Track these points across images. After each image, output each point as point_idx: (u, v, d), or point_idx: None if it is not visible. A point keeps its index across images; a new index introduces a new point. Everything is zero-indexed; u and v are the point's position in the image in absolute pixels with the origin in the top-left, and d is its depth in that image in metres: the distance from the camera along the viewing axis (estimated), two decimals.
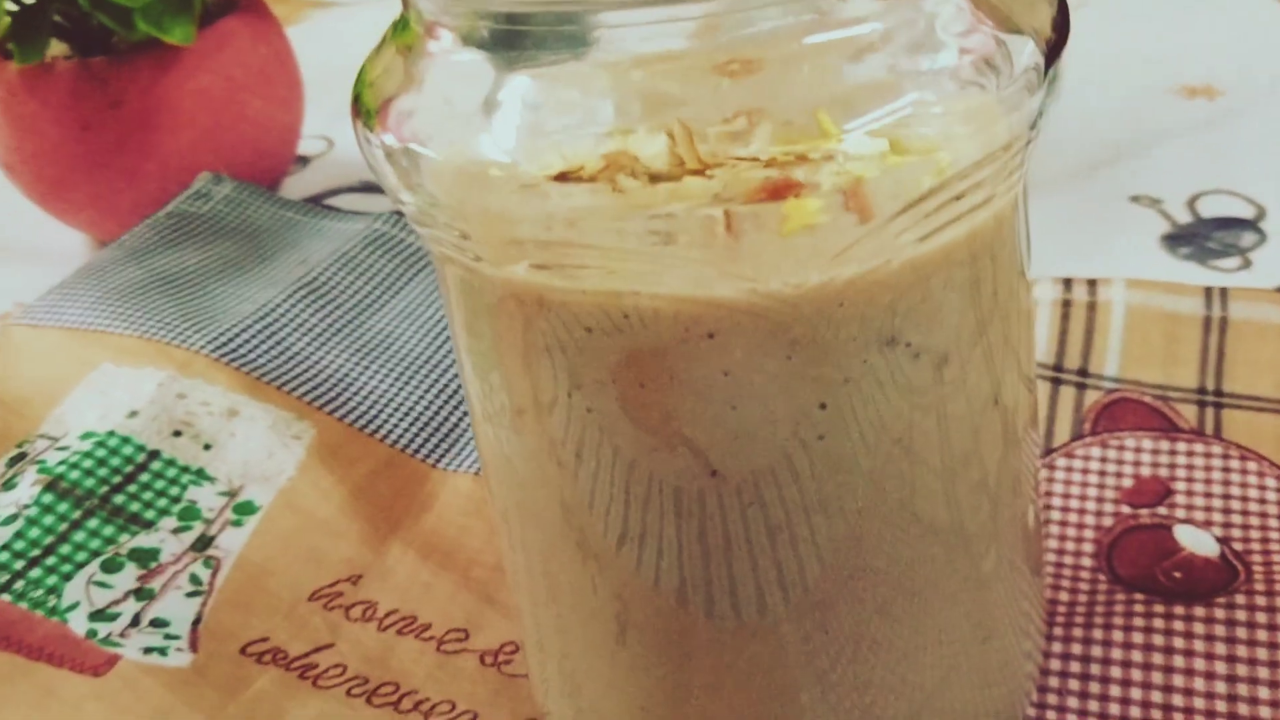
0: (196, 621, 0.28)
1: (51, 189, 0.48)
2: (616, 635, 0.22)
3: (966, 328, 0.19)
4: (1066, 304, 0.35)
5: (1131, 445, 0.32)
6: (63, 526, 0.30)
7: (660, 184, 0.18)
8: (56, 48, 0.46)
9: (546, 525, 0.21)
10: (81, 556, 0.29)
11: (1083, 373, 0.34)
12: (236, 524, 0.31)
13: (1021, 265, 0.22)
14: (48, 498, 0.30)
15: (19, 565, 0.29)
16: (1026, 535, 0.24)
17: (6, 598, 0.28)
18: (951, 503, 0.21)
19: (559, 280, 0.18)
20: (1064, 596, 0.29)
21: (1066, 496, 0.31)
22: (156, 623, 0.28)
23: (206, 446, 0.33)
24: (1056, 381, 0.34)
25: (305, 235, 0.43)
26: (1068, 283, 0.36)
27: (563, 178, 0.18)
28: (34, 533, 0.29)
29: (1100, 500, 0.31)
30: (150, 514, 0.31)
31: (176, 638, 0.28)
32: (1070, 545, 0.30)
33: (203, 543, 0.30)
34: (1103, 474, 0.31)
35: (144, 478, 0.31)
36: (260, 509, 0.31)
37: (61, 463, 0.31)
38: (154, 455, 0.32)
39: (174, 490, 0.31)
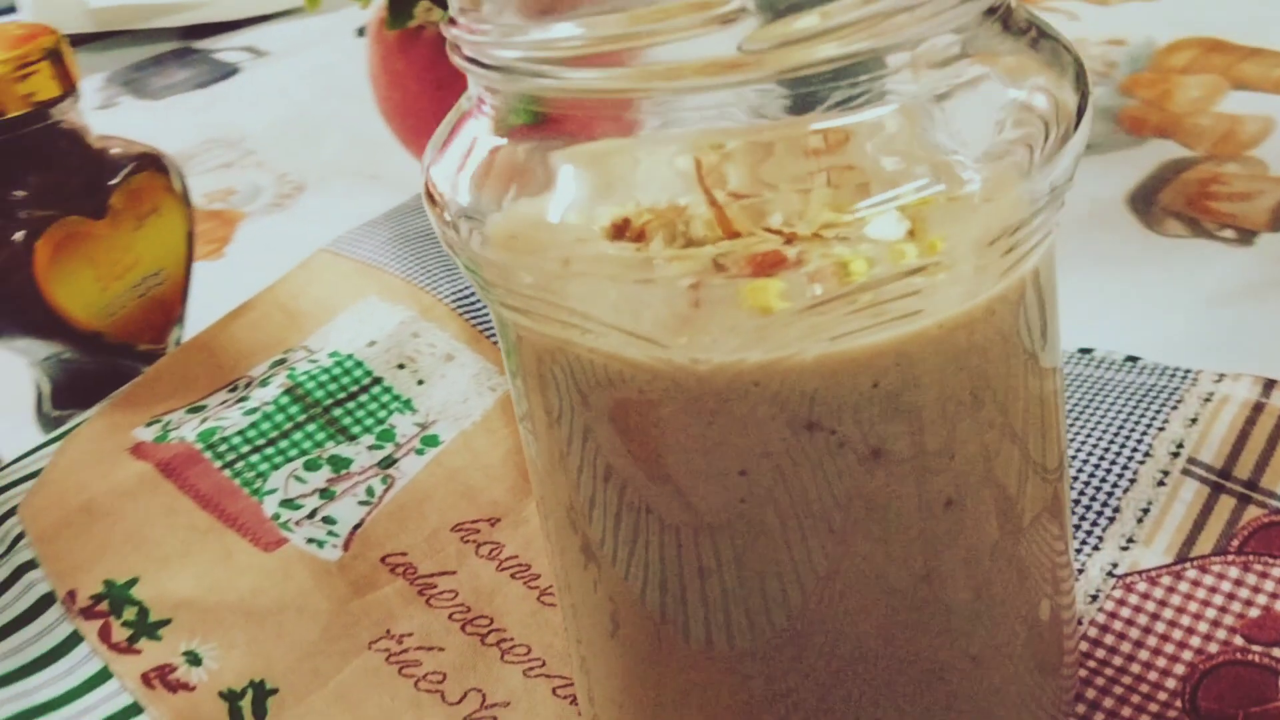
0: (357, 526, 0.34)
1: (413, 135, 0.56)
2: (611, 630, 0.25)
3: (908, 425, 0.20)
4: (1258, 407, 0.33)
5: (1276, 575, 0.30)
6: (287, 425, 0.37)
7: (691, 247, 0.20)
8: (433, 14, 0.53)
9: (559, 523, 0.24)
10: (293, 453, 0.36)
11: (1251, 485, 0.32)
12: (419, 452, 0.36)
13: (1032, 354, 0.22)
14: (284, 399, 0.37)
15: (245, 449, 0.36)
16: (1033, 628, 0.24)
17: (227, 473, 0.35)
18: (888, 590, 0.22)
19: (556, 331, 0.21)
20: (1126, 712, 0.28)
21: (1180, 611, 0.30)
22: (326, 520, 0.34)
23: (420, 382, 0.38)
24: (1218, 488, 0.32)
25: None
26: (1269, 385, 0.33)
27: (618, 229, 0.21)
28: (265, 426, 0.36)
29: (1215, 624, 0.29)
30: (357, 429, 0.37)
31: (336, 536, 0.34)
32: (1160, 662, 0.29)
33: (387, 462, 0.36)
34: (1230, 597, 0.30)
35: (363, 398, 0.38)
36: (442, 444, 0.36)
37: (305, 373, 0.38)
38: (377, 381, 0.38)
39: (382, 414, 0.37)
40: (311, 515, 0.34)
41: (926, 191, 0.19)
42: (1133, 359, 0.37)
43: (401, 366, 0.39)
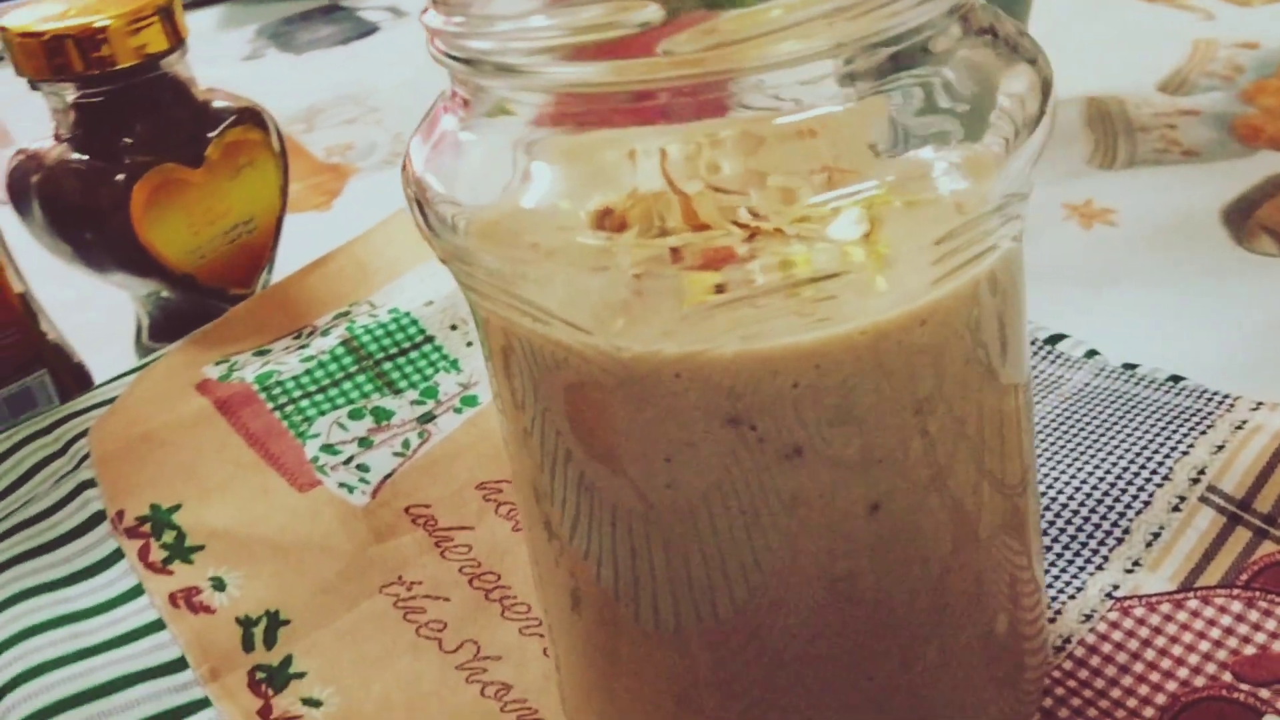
0: (388, 476, 0.36)
1: None
2: (572, 605, 0.26)
3: (829, 428, 0.21)
4: None
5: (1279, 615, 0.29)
6: (339, 375, 0.39)
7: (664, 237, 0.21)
8: None
9: (526, 499, 0.25)
10: (340, 401, 0.38)
11: (1270, 520, 0.31)
12: (458, 410, 0.38)
13: (983, 367, 0.22)
14: (340, 350, 0.39)
15: (296, 394, 0.38)
16: (987, 640, 0.24)
17: (277, 414, 0.37)
18: (812, 587, 0.22)
19: (514, 316, 0.22)
20: None
21: (1173, 640, 0.29)
22: (360, 467, 0.36)
23: (469, 344, 0.40)
24: (1235, 519, 0.31)
25: None
26: None
27: (604, 216, 0.22)
28: (319, 373, 0.39)
29: (1207, 658, 0.29)
30: (403, 384, 0.39)
31: (367, 483, 0.36)
32: (1143, 689, 0.28)
33: (426, 418, 0.38)
34: (1228, 632, 0.29)
35: (413, 355, 0.39)
36: (479, 404, 0.38)
37: (364, 327, 0.40)
38: (429, 339, 0.40)
39: (429, 371, 0.39)
40: (348, 461, 0.36)
41: (861, 194, 0.20)
42: (1176, 379, 0.35)
43: (454, 328, 0.40)
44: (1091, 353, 0.38)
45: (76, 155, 0.42)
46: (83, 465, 0.36)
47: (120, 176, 0.41)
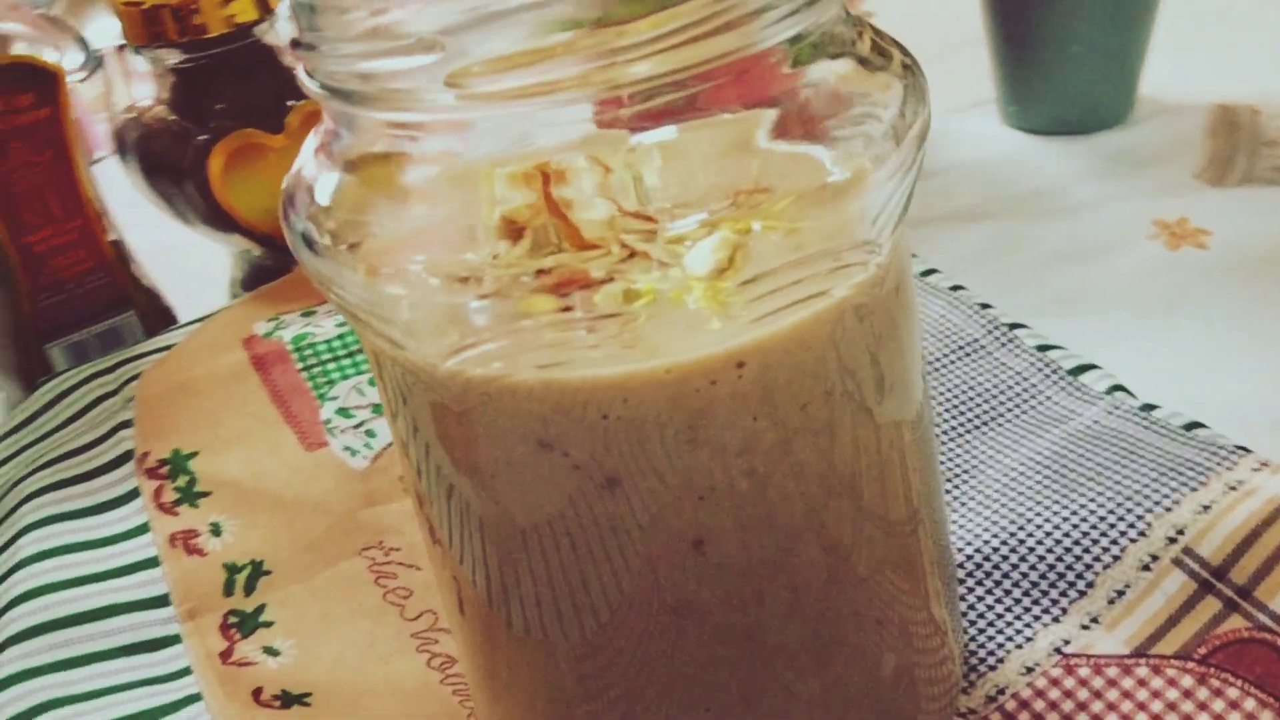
0: (391, 444, 0.38)
1: None
2: (457, 606, 0.26)
3: (642, 461, 0.21)
4: None
5: (1232, 696, 0.27)
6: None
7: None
8: None
9: (414, 506, 0.26)
10: (363, 368, 0.40)
11: (1243, 593, 0.28)
12: None
13: (850, 403, 0.21)
14: None
15: (325, 357, 0.40)
16: (869, 679, 0.24)
17: (304, 375, 0.40)
18: (640, 613, 0.22)
19: (371, 336, 0.23)
20: None
21: (1111, 707, 0.28)
22: (368, 432, 0.38)
23: None
24: (1206, 586, 0.29)
25: None
26: None
27: (507, 225, 0.23)
28: (349, 339, 0.41)
29: None
30: None
31: (370, 449, 0.37)
32: None
33: None
34: (1170, 707, 0.27)
35: None
36: None
37: None
38: None
39: None
40: (358, 426, 0.38)
41: (691, 224, 0.20)
42: (1193, 425, 0.33)
43: None
44: (1116, 388, 0.35)
45: (169, 116, 0.45)
46: (128, 406, 0.39)
47: (202, 138, 0.44)
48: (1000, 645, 0.29)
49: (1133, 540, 0.30)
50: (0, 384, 0.46)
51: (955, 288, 0.41)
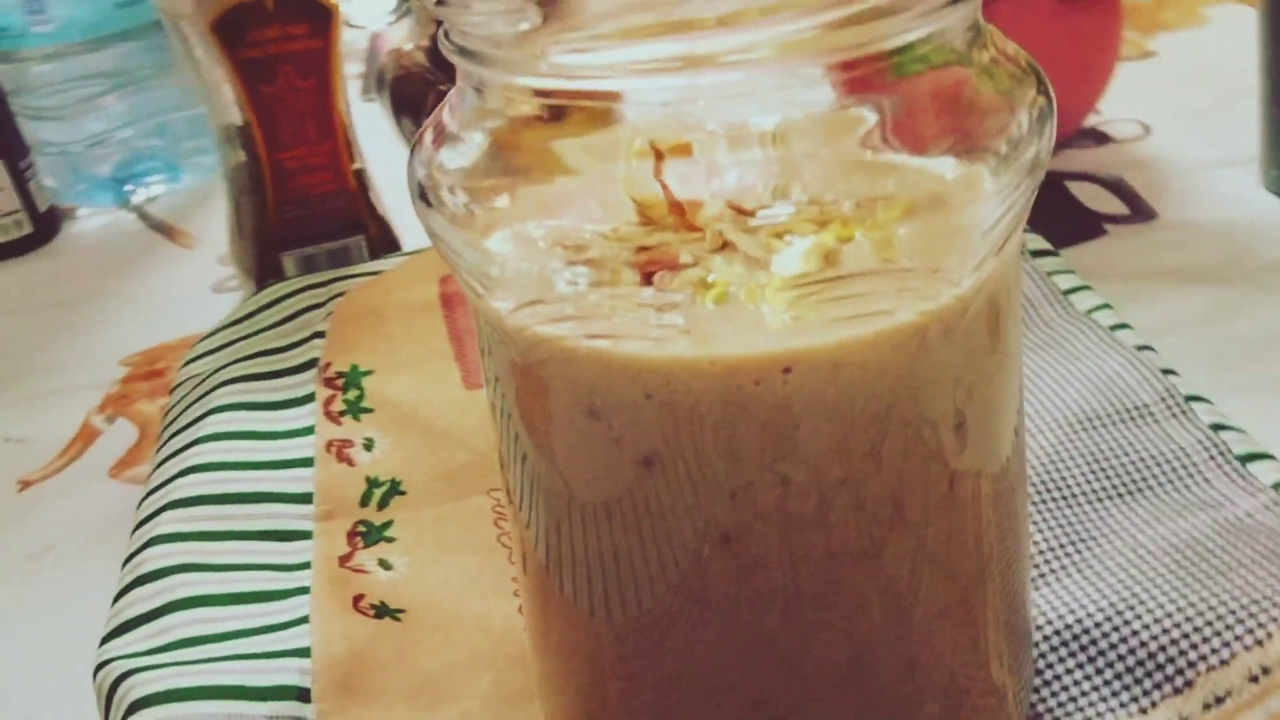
0: None
1: None
2: (522, 564, 0.27)
3: (676, 447, 0.21)
4: None
5: None
6: None
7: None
8: None
9: (499, 465, 0.27)
10: None
11: None
12: None
13: (912, 447, 0.21)
14: None
15: None
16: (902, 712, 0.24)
17: None
18: (669, 595, 0.23)
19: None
20: None
21: None
22: None
23: None
24: None
25: None
26: None
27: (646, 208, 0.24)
28: None
29: None
30: None
31: None
32: None
33: None
34: None
35: None
36: None
37: None
38: None
39: None
40: None
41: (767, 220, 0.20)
42: None
43: None
44: None
45: (424, 62, 0.49)
46: (326, 319, 0.43)
47: (443, 87, 0.47)
48: None
49: (1246, 647, 0.28)
50: (240, 281, 0.51)
51: (1142, 347, 0.38)
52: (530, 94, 0.21)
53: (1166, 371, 0.37)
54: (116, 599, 0.33)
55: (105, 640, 0.32)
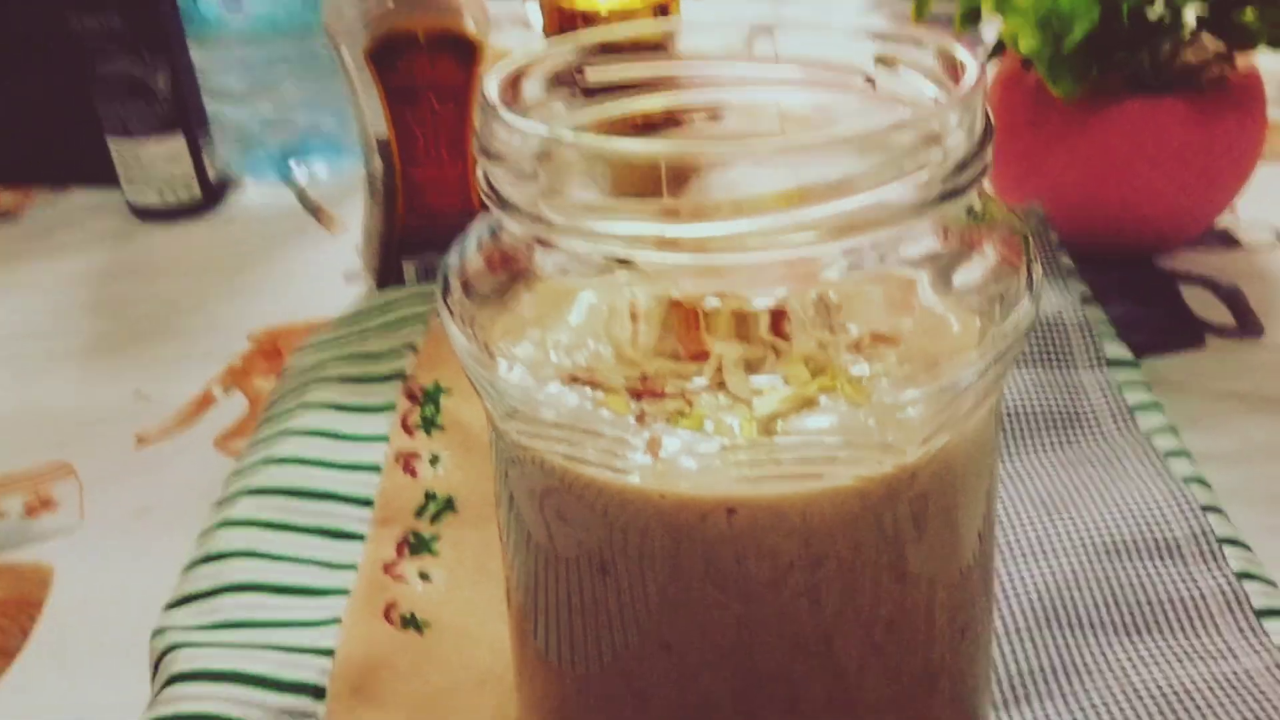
0: None
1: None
2: (507, 596, 0.29)
3: (638, 565, 0.23)
4: None
5: None
6: None
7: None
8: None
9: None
10: None
11: None
12: None
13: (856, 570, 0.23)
14: None
15: None
16: None
17: None
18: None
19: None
20: None
21: None
22: None
23: None
24: None
25: None
26: None
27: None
28: None
29: None
30: None
31: None
32: None
33: None
34: None
35: None
36: None
37: None
38: None
39: None
40: None
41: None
42: None
43: None
44: None
45: None
46: (423, 333, 0.46)
47: None
48: None
49: None
50: (364, 279, 0.55)
51: (1191, 479, 0.38)
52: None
53: (1209, 509, 0.37)
54: (186, 570, 0.37)
55: (167, 608, 0.36)
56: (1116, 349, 0.45)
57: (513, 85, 0.26)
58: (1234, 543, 0.36)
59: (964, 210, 0.23)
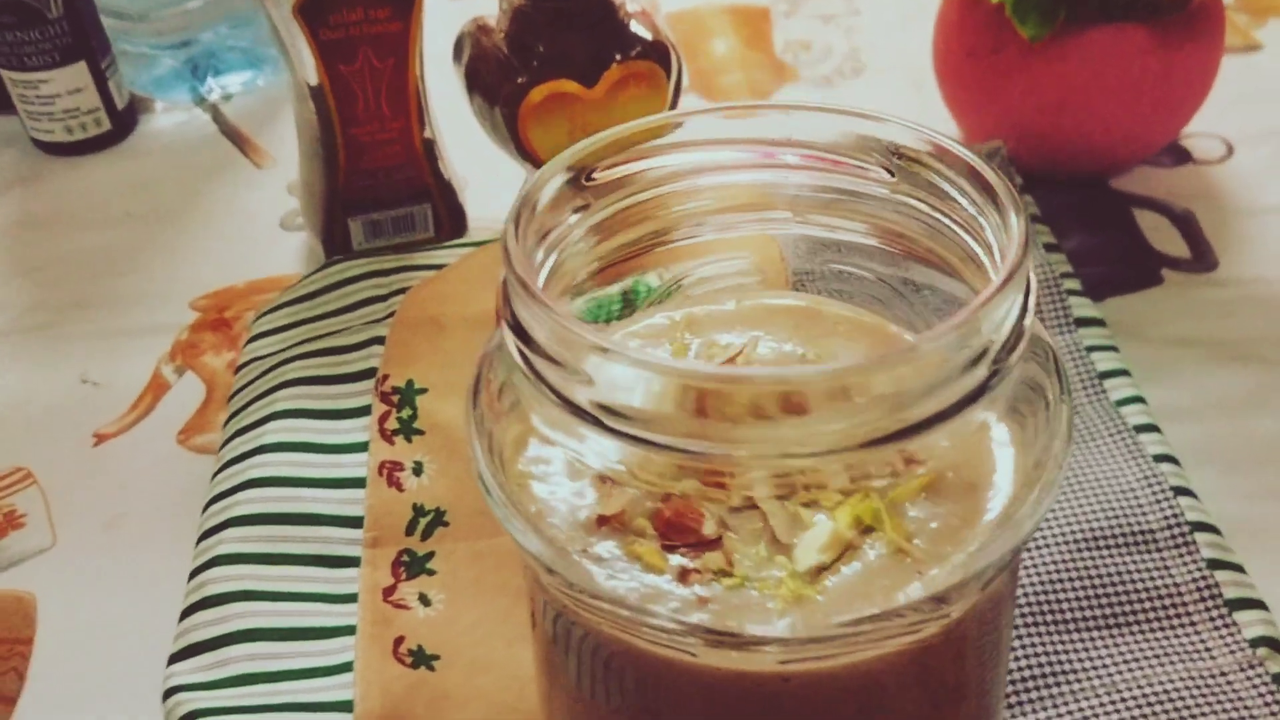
0: None
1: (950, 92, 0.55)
2: (532, 621, 0.30)
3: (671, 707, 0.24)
4: None
5: None
6: (601, 320, 0.44)
7: None
8: None
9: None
10: None
11: None
12: None
13: None
14: (617, 301, 0.44)
15: None
16: None
17: None
18: None
19: None
20: None
21: None
22: None
23: None
24: None
25: None
26: None
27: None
28: (588, 317, 0.44)
29: None
30: None
31: None
32: None
33: None
34: None
35: None
36: None
37: (646, 286, 0.45)
38: None
39: None
40: None
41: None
42: None
43: None
44: None
45: (502, 48, 0.48)
46: (385, 321, 0.45)
47: (521, 80, 0.47)
48: None
49: None
50: (311, 241, 0.53)
51: (1161, 458, 0.39)
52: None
53: (1180, 490, 0.39)
54: (182, 618, 0.37)
55: (172, 661, 0.36)
56: (1083, 307, 0.45)
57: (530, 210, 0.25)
58: (1204, 527, 0.38)
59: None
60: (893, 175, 0.27)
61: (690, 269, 0.33)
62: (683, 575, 0.23)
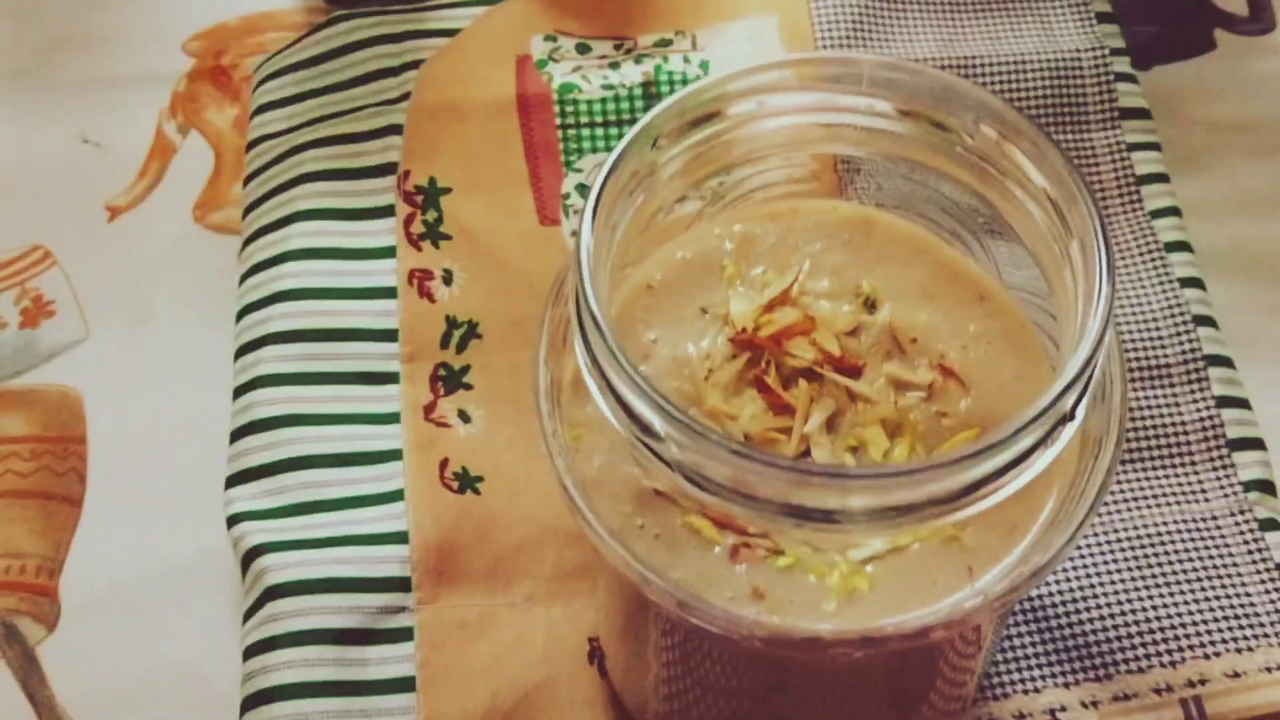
0: None
1: None
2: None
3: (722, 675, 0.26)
4: None
5: None
6: (625, 115, 0.42)
7: None
8: None
9: None
10: (612, 145, 0.42)
11: None
12: None
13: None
14: (638, 90, 0.42)
15: (584, 119, 0.42)
16: None
17: (559, 132, 0.42)
18: None
19: None
20: None
21: None
22: None
23: None
24: None
25: None
26: None
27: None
28: (610, 107, 0.42)
29: None
30: None
31: None
32: None
33: None
34: None
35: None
36: None
37: (669, 73, 0.42)
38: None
39: None
40: None
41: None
42: None
43: None
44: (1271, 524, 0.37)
45: None
46: (400, 103, 0.42)
47: None
48: (1013, 683, 0.35)
49: (1162, 666, 0.35)
50: None
51: (1187, 282, 0.40)
52: None
53: (1201, 320, 0.39)
54: (233, 439, 0.38)
55: (230, 484, 0.37)
56: (1129, 95, 0.43)
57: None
58: (1219, 360, 0.39)
59: None
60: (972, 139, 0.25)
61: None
62: (734, 553, 0.25)
